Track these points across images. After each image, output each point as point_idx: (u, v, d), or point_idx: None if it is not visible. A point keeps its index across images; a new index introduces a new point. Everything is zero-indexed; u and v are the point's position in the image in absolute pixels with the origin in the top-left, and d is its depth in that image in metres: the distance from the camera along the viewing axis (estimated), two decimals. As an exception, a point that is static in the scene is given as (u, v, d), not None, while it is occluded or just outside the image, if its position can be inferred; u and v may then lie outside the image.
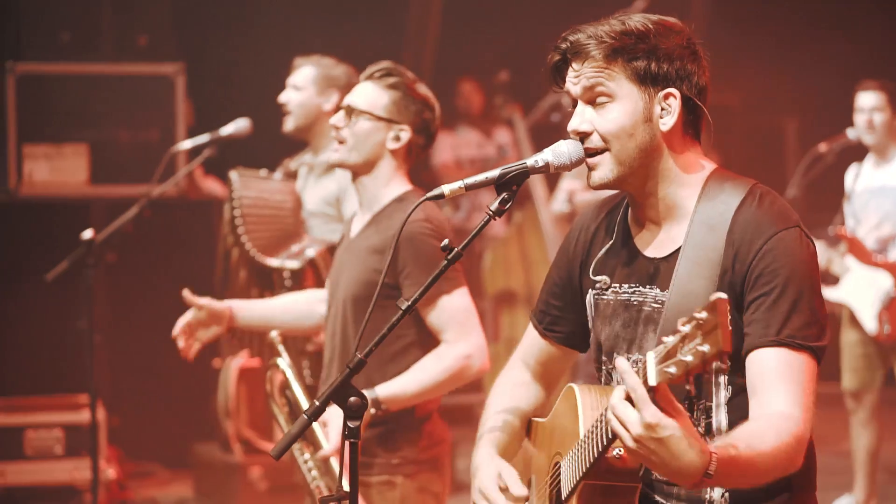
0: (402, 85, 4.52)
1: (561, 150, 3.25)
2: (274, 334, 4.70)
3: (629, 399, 2.75)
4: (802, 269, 3.08)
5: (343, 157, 4.55)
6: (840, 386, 7.98)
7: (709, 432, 3.15)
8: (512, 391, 3.64)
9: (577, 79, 3.20)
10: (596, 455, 3.01)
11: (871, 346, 7.72)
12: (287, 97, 6.35)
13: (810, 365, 3.04)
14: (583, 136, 3.21)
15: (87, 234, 6.45)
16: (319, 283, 5.69)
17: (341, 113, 4.55)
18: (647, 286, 3.25)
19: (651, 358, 2.71)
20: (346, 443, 3.26)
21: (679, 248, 3.19)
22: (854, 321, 7.78)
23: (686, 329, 2.63)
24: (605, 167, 3.19)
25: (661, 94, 3.16)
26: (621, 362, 2.77)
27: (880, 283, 7.60)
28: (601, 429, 2.98)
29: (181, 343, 4.81)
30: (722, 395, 3.14)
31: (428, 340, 4.48)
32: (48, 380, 8.62)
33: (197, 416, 9.12)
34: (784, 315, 3.03)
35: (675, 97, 3.16)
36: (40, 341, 8.79)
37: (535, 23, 11.36)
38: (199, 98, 9.67)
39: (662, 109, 3.17)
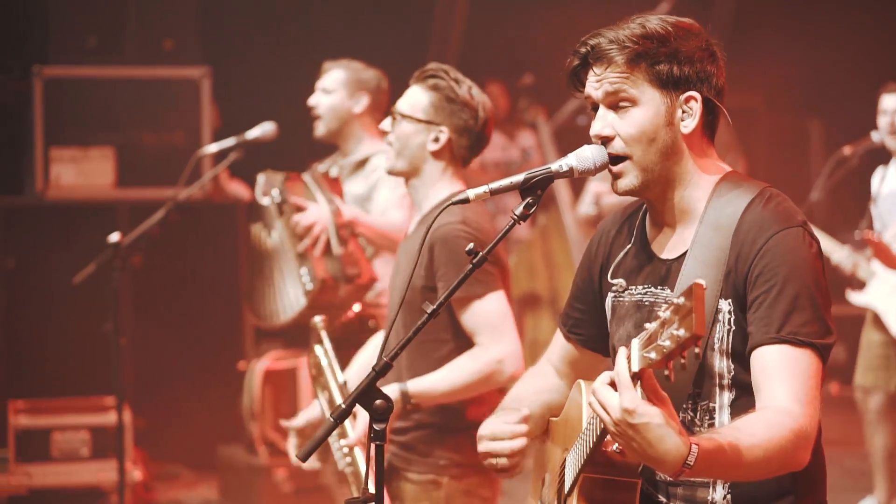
0: (443, 86, 4.56)
1: (585, 155, 3.27)
2: (317, 319, 4.72)
3: (613, 385, 2.79)
4: (803, 266, 3.09)
5: (391, 163, 4.65)
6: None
7: None
8: (537, 382, 3.69)
9: (598, 83, 3.22)
10: (592, 445, 3.04)
11: (892, 349, 7.70)
12: (317, 101, 6.36)
13: (814, 362, 3.04)
14: (605, 141, 3.24)
15: (114, 237, 6.48)
16: (309, 197, 5.82)
17: (389, 118, 4.62)
18: (659, 287, 3.28)
19: (636, 344, 2.74)
20: (372, 445, 3.27)
21: (688, 250, 3.23)
22: (878, 322, 7.75)
23: (666, 314, 2.65)
24: (630, 175, 3.22)
25: (683, 97, 3.19)
26: (620, 349, 2.80)
27: (906, 287, 7.59)
28: (597, 420, 2.99)
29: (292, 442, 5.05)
30: (725, 396, 3.16)
31: (470, 345, 4.48)
32: (74, 382, 8.66)
33: (222, 419, 9.13)
34: (784, 312, 3.04)
35: (696, 100, 3.20)
36: (67, 344, 8.84)
37: (559, 25, 11.35)
38: (225, 101, 9.71)
39: (684, 112, 3.20)
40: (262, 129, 6.46)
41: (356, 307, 5.64)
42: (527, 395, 3.63)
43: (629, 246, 3.41)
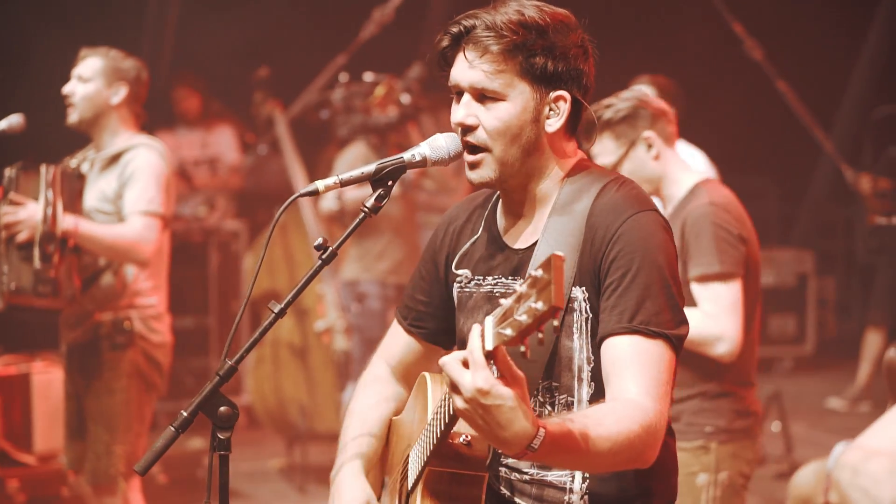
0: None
1: (438, 144, 3.17)
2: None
3: (465, 364, 2.66)
4: (658, 252, 3.04)
5: None
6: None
7: None
8: (377, 392, 3.56)
9: (469, 71, 3.10)
10: (439, 435, 2.95)
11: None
12: (72, 89, 6.03)
13: (666, 354, 2.98)
14: (465, 130, 3.11)
15: None
16: (35, 193, 5.79)
17: None
18: (511, 277, 3.21)
19: (489, 322, 2.63)
20: (217, 455, 3.09)
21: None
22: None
23: (522, 289, 2.54)
24: (487, 168, 3.13)
25: (553, 95, 3.11)
26: (475, 326, 2.67)
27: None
28: (445, 408, 2.91)
29: None
30: (584, 390, 3.09)
31: None
32: None
33: (-52, 429, 8.67)
34: (637, 300, 2.97)
35: (565, 100, 3.12)
36: None
37: (290, 16, 11.24)
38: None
39: (551, 110, 3.13)
40: (9, 122, 6.05)
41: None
42: (370, 411, 3.51)
43: (476, 236, 3.34)
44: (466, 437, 3.02)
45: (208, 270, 10.30)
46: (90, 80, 6.01)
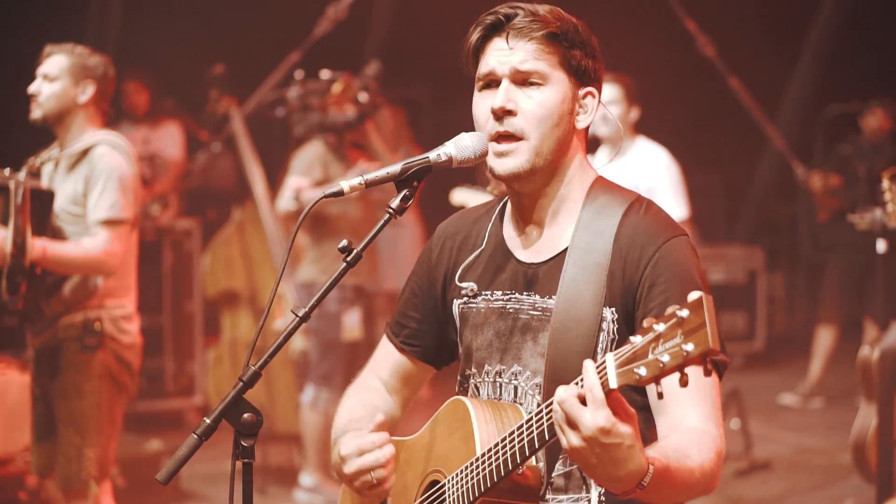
0: None
1: (465, 144, 3.10)
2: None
3: (582, 399, 2.57)
4: (697, 277, 2.99)
5: None
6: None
7: None
8: (367, 394, 3.47)
9: (511, 55, 3.04)
10: (510, 467, 2.86)
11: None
12: (38, 88, 5.90)
13: (715, 380, 2.95)
14: (504, 115, 3.04)
15: None
16: (4, 215, 5.67)
17: None
18: (525, 293, 3.12)
19: (611, 360, 2.54)
20: (240, 462, 3.00)
21: (560, 253, 3.08)
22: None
23: (660, 328, 2.46)
24: (522, 157, 3.05)
25: (583, 91, 3.08)
26: (587, 362, 2.58)
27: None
28: (515, 444, 2.83)
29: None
30: None
31: None
32: None
33: None
34: None
35: (593, 97, 3.09)
36: None
37: (241, 12, 11.13)
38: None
39: (580, 107, 3.08)
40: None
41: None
42: (363, 412, 3.41)
43: (480, 249, 3.25)
44: (522, 467, 2.94)
45: (162, 269, 10.17)
46: (57, 78, 5.89)
